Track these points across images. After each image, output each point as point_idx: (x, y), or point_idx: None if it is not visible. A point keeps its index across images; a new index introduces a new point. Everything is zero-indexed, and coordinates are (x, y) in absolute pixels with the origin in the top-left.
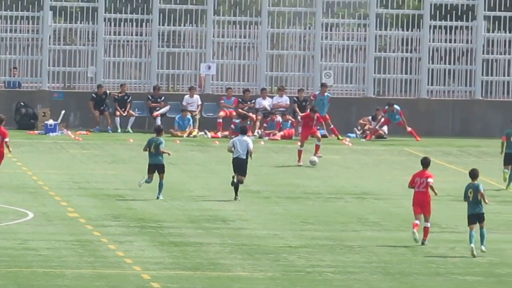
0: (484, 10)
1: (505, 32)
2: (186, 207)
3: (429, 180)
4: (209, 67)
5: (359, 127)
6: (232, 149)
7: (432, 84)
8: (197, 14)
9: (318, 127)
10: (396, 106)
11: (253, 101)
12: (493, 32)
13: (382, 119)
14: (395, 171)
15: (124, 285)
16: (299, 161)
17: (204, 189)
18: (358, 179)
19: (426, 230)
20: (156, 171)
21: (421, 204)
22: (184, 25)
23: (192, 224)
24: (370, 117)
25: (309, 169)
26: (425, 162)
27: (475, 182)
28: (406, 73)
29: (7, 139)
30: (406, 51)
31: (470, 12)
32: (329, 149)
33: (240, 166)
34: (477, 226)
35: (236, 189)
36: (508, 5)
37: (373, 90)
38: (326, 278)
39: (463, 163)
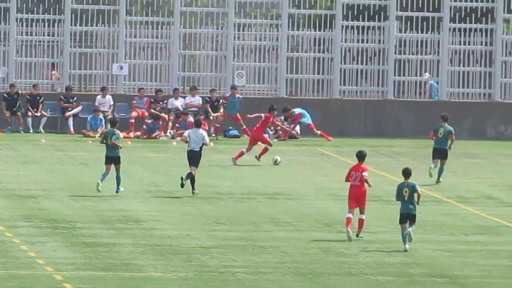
0: (396, 11)
1: (417, 32)
2: (98, 207)
3: (364, 173)
4: (121, 67)
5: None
6: (188, 139)
7: (344, 84)
8: (109, 14)
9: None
10: (295, 110)
11: (165, 101)
12: (405, 32)
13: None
14: (308, 171)
15: (36, 286)
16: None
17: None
18: (271, 180)
19: (361, 223)
20: (112, 163)
21: (357, 198)
22: (96, 25)
23: (104, 225)
24: (282, 117)
25: (221, 169)
26: (361, 156)
27: (410, 181)
28: (318, 73)
29: None
30: (319, 51)
31: (382, 13)
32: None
33: (193, 159)
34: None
35: (192, 183)
36: (420, 6)
37: (286, 90)
38: (238, 278)
39: (375, 163)
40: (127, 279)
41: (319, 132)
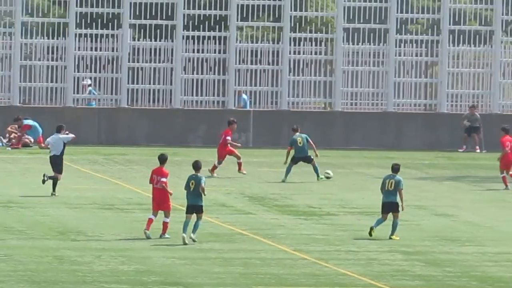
0: (130, 18)
1: (151, 40)
2: None
3: (162, 179)
4: None
5: (6, 135)
6: (49, 146)
7: (78, 93)
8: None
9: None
10: (26, 121)
11: None
12: (138, 40)
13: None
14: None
15: None
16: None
17: None
18: (4, 188)
19: (164, 225)
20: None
21: (159, 201)
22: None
23: None
24: (16, 126)
25: None
26: (162, 159)
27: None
28: (52, 82)
29: None
30: (52, 60)
31: (115, 20)
32: None
33: (55, 164)
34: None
35: (54, 185)
36: (153, 13)
37: (19, 99)
38: None
39: (109, 171)
40: None
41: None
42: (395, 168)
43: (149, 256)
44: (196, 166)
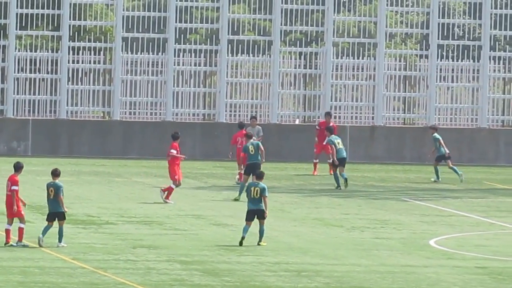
0: (16, 30)
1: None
2: None
3: (13, 187)
4: None
5: None
6: None
7: None
8: None
9: None
10: None
11: None
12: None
13: None
14: None
15: None
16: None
17: None
18: None
19: (19, 231)
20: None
21: (8, 206)
22: None
23: None
24: None
25: None
26: (17, 166)
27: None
28: None
29: None
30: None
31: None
32: None
33: None
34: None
35: None
36: (39, 24)
37: None
38: None
39: None
40: None
41: None
42: (259, 175)
43: None
44: (55, 173)
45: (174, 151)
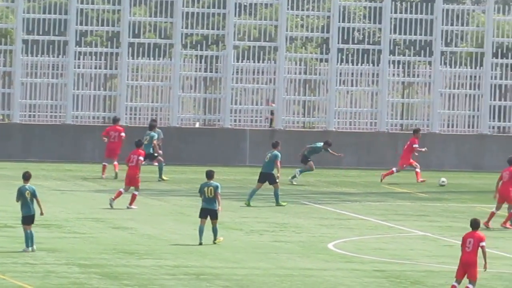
0: None
1: None
2: None
3: None
4: None
5: None
6: None
7: None
8: None
9: None
10: None
11: None
12: None
13: None
14: None
15: None
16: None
17: None
18: None
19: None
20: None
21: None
22: None
23: None
24: None
25: None
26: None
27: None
28: None
29: None
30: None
31: None
32: None
33: None
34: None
35: None
36: None
37: None
38: None
39: None
40: None
41: None
42: (209, 175)
43: None
44: (27, 176)
45: (142, 158)
